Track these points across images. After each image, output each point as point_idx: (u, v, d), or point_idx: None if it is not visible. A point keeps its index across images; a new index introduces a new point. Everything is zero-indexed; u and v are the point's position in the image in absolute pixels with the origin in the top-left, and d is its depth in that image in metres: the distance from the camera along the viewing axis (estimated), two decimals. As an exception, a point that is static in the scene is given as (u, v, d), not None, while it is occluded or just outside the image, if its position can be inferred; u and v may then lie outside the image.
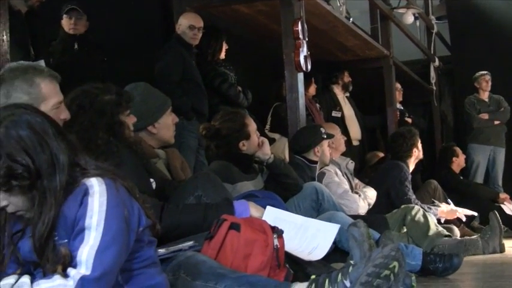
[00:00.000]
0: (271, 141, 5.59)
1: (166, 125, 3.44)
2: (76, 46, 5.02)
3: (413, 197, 5.51)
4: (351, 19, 6.84)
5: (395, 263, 1.94)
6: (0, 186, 1.74)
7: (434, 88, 9.72)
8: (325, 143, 4.69)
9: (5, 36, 2.83)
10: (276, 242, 2.39)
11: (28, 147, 1.74)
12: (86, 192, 1.77)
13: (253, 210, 2.94)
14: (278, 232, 2.43)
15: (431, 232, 4.47)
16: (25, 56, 4.12)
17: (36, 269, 1.82)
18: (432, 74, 9.64)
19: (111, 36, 5.49)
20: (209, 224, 2.61)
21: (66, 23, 4.97)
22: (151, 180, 3.04)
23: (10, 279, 1.76)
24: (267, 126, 6.47)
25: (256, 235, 2.39)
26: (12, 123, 1.76)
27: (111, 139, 2.86)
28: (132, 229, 1.82)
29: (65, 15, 4.99)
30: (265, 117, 6.55)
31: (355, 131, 7.47)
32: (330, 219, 3.39)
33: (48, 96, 2.44)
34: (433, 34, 9.83)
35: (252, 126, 4.03)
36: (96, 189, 1.77)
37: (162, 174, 3.33)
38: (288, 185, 3.98)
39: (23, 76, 2.42)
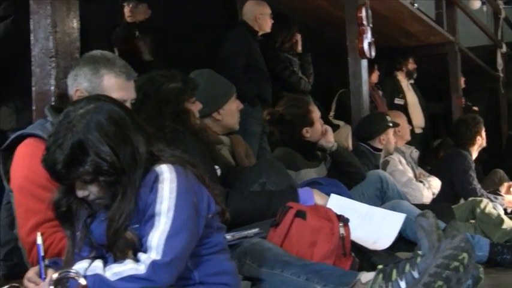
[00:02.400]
0: (335, 128, 5.58)
1: (231, 111, 3.46)
2: (137, 34, 5.04)
3: (479, 186, 5.42)
4: (416, 5, 6.73)
5: (465, 255, 1.92)
6: (87, 180, 1.78)
7: (501, 75, 9.50)
8: (391, 131, 4.64)
9: (75, 24, 2.87)
10: (341, 230, 2.39)
11: (113, 144, 1.78)
12: (156, 179, 1.79)
13: (318, 197, 2.94)
14: (344, 220, 2.42)
15: (505, 225, 4.36)
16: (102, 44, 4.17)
17: (109, 252, 1.86)
18: (499, 60, 9.42)
19: (174, 23, 5.53)
20: (274, 211, 2.62)
21: (126, 12, 4.99)
22: (216, 167, 3.07)
23: (84, 263, 1.80)
24: (331, 113, 6.43)
25: (322, 223, 2.39)
26: (96, 119, 1.79)
27: (177, 127, 2.89)
28: (201, 215, 1.84)
29: (124, 4, 5.01)
30: (329, 103, 6.51)
31: (418, 119, 7.35)
32: (394, 208, 3.36)
33: (108, 90, 2.43)
34: (501, 19, 9.60)
35: (316, 113, 4.03)
36: (166, 175, 1.79)
37: (227, 161, 3.36)
38: (351, 174, 3.96)
39: (92, 64, 2.46)
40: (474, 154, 5.71)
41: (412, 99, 7.37)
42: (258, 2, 5.27)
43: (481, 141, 5.73)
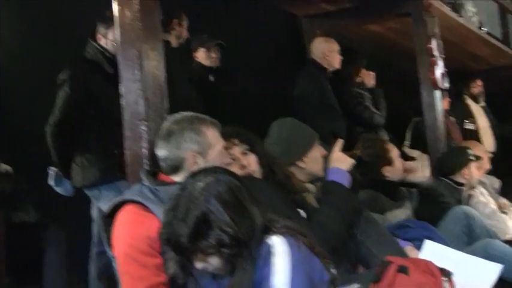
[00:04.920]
0: (411, 159, 5.53)
1: (315, 158, 3.45)
2: (211, 78, 5.07)
3: None
4: (484, 28, 6.64)
5: None
6: (209, 253, 1.81)
7: None
8: (473, 164, 4.57)
9: (164, 86, 2.92)
10: (446, 285, 2.35)
11: (234, 216, 1.81)
12: (270, 252, 1.81)
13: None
14: (447, 274, 2.38)
15: None
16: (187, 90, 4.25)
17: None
18: None
19: (243, 63, 5.59)
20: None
21: (205, 56, 4.98)
22: (300, 210, 3.06)
23: None
24: (406, 143, 6.35)
25: (425, 278, 2.36)
26: (217, 191, 1.83)
27: None
28: (315, 286, 1.85)
29: (202, 48, 5.04)
30: (400, 133, 6.45)
31: (489, 143, 7.19)
32: (486, 248, 3.32)
33: (214, 143, 2.55)
34: None
35: (394, 152, 4.01)
36: (280, 248, 1.81)
37: (314, 208, 3.35)
38: (444, 204, 3.92)
39: (190, 126, 2.53)
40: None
41: (483, 122, 7.24)
42: (326, 39, 5.30)
43: None
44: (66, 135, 3.81)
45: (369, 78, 5.68)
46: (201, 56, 5.02)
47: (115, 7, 2.89)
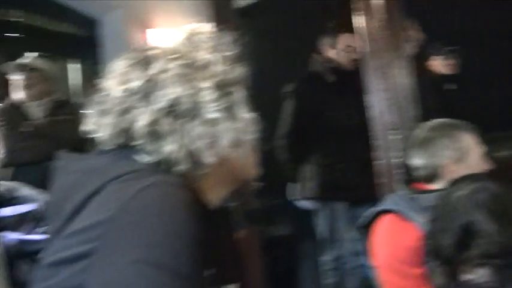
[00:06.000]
0: None
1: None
2: (450, 85, 4.92)
3: None
4: None
5: None
6: (476, 264, 1.74)
7: None
8: None
9: (410, 84, 2.89)
10: None
11: (501, 226, 1.72)
12: None
13: None
14: None
15: None
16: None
17: None
18: None
19: (486, 66, 5.35)
20: None
21: (442, 64, 4.91)
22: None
23: None
24: None
25: None
26: (482, 199, 1.75)
27: None
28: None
29: (438, 56, 4.90)
30: None
31: None
32: None
33: (470, 148, 2.45)
34: None
35: None
36: None
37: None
38: None
39: (446, 133, 2.46)
40: None
41: None
42: None
43: None
44: (295, 147, 3.90)
45: None
46: (438, 63, 4.91)
47: (361, 19, 2.90)
